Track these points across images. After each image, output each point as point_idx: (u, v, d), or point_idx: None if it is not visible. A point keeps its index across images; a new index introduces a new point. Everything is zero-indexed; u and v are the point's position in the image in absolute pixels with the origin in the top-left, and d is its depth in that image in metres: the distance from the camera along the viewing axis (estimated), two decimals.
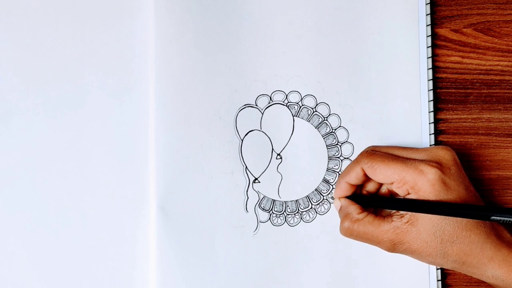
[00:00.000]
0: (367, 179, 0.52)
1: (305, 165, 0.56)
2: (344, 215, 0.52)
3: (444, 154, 0.51)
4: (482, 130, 0.57)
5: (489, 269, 0.49)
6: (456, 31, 0.58)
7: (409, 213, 0.49)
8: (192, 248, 0.54)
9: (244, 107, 0.56)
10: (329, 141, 0.56)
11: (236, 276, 0.54)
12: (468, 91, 0.57)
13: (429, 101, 0.56)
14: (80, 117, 0.55)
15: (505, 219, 0.46)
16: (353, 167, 0.52)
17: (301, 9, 0.56)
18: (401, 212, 0.50)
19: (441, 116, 0.57)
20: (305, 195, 0.55)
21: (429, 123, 0.56)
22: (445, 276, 0.56)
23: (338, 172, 0.56)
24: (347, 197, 0.53)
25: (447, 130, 0.57)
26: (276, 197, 0.55)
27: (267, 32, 0.56)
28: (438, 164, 0.50)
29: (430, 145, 0.56)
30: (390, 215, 0.50)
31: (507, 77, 0.57)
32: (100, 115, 0.55)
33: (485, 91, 0.57)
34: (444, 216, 0.48)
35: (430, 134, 0.56)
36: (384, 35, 0.56)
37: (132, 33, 0.56)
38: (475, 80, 0.57)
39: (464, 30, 0.58)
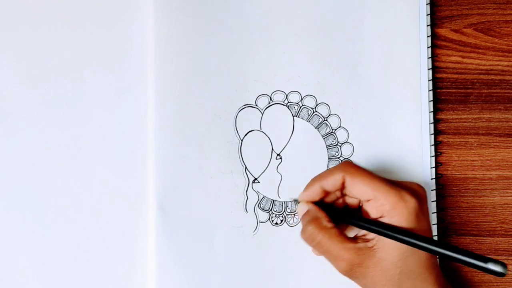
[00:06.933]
0: (340, 191, 0.51)
1: (305, 166, 0.56)
2: (311, 218, 0.49)
3: (420, 190, 0.50)
4: (483, 130, 0.57)
5: None
6: (456, 31, 0.58)
7: (376, 238, 0.48)
8: (191, 248, 0.54)
9: (244, 107, 0.56)
10: (329, 142, 0.56)
11: (235, 276, 0.54)
12: (468, 91, 0.57)
13: (429, 101, 0.56)
14: (80, 117, 0.55)
15: (481, 267, 0.44)
16: (333, 173, 0.49)
17: (301, 9, 0.56)
18: (368, 236, 0.49)
19: (441, 116, 0.57)
20: None
21: (429, 123, 0.56)
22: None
23: None
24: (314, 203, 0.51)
25: (447, 130, 0.57)
26: (275, 197, 0.55)
27: (267, 32, 0.56)
28: (417, 197, 0.49)
29: (431, 145, 0.56)
30: (356, 238, 0.49)
31: (507, 77, 0.57)
32: (99, 115, 0.55)
33: (485, 91, 0.57)
34: (412, 249, 0.47)
35: (430, 134, 0.56)
36: (384, 35, 0.56)
37: (132, 32, 0.56)
38: (475, 80, 0.57)
39: (464, 30, 0.58)
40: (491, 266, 0.43)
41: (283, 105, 0.56)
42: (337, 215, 0.50)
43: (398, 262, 0.48)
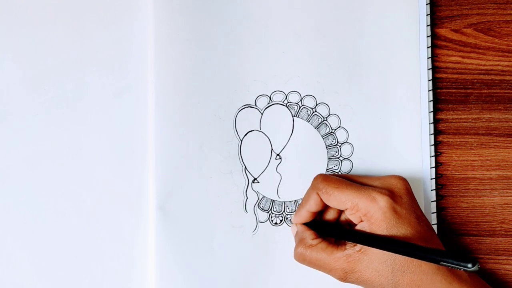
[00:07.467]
0: (326, 205, 0.51)
1: (304, 166, 0.56)
2: (298, 240, 0.51)
3: (396, 183, 0.50)
4: (483, 130, 0.57)
5: None
6: (456, 31, 0.58)
7: None
8: (191, 248, 0.54)
9: (244, 107, 0.56)
10: (328, 142, 0.56)
11: (235, 276, 0.54)
12: (468, 91, 0.57)
13: (429, 101, 0.56)
14: (80, 117, 0.55)
15: (454, 266, 0.45)
16: (310, 195, 0.51)
17: (301, 9, 0.56)
18: None
19: (441, 116, 0.57)
20: None
21: (429, 123, 0.56)
22: None
23: (337, 173, 0.56)
24: (304, 223, 0.53)
25: (447, 130, 0.57)
26: (275, 197, 0.55)
27: (267, 32, 0.56)
28: (390, 192, 0.49)
29: (431, 145, 0.56)
30: (344, 244, 0.50)
31: (507, 77, 0.57)
32: (99, 115, 0.55)
33: (485, 91, 0.57)
34: None
35: (430, 134, 0.56)
36: (384, 35, 0.56)
37: (132, 33, 0.56)
38: (475, 80, 0.57)
39: (464, 30, 0.57)
40: (470, 266, 0.45)
41: (283, 105, 0.56)
42: (323, 231, 0.52)
43: (387, 261, 0.48)
